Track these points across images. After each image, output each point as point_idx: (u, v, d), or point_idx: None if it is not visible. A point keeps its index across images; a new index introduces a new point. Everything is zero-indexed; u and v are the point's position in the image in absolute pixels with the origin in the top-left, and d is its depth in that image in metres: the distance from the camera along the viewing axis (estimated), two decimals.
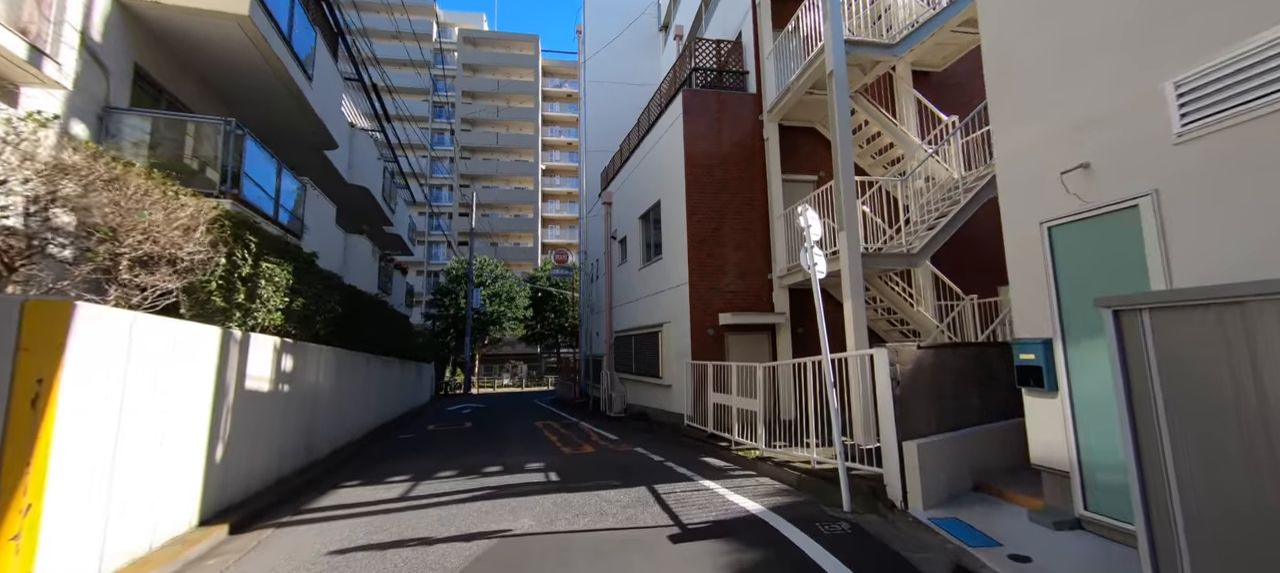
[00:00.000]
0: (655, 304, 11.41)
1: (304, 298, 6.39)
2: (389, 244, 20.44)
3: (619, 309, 14.55)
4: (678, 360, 9.99)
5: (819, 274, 5.14)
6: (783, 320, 9.36)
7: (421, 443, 9.28)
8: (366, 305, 10.32)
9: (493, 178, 51.08)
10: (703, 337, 9.47)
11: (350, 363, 8.97)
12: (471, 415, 14.65)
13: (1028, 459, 4.06)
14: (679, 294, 10.04)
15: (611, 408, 13.63)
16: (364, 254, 14.04)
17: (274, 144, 11.59)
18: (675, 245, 10.33)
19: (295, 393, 6.41)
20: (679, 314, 10.04)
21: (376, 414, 11.30)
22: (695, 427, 8.77)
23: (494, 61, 52.82)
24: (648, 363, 11.34)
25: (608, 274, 15.32)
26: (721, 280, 9.71)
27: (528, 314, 33.51)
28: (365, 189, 14.17)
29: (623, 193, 14.63)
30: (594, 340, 17.93)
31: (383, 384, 12.07)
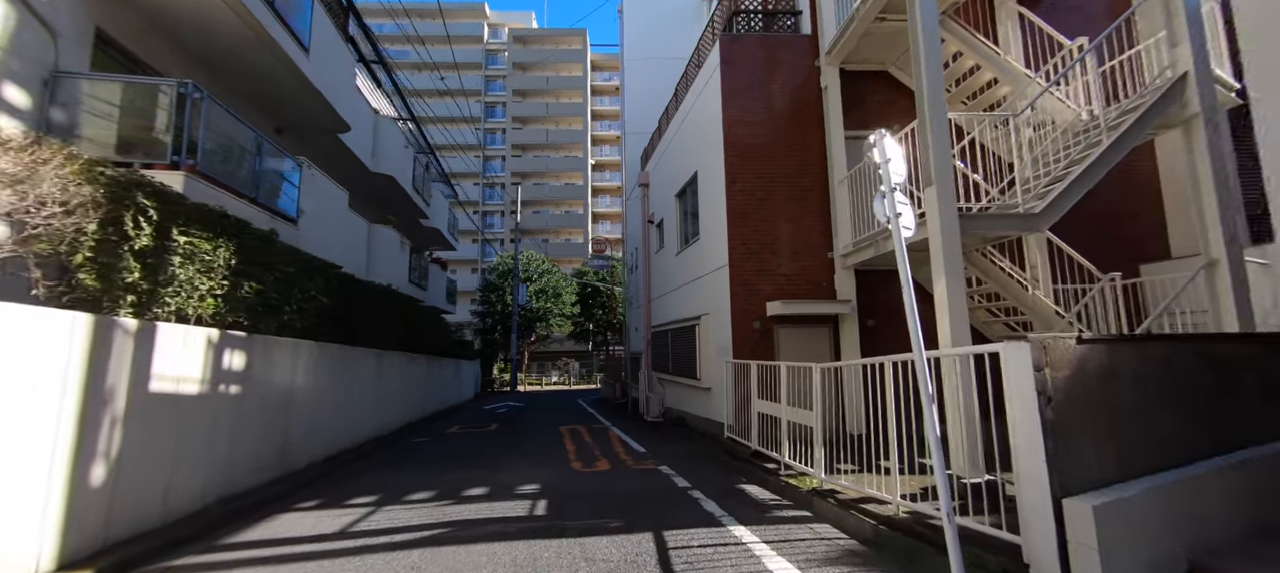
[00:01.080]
0: (692, 293, 9.84)
1: (258, 283, 5.42)
2: (427, 239, 20.11)
3: (657, 302, 13.08)
4: (717, 359, 8.39)
5: (906, 232, 3.43)
6: (847, 309, 7.51)
7: (427, 450, 8.27)
8: (377, 298, 9.49)
9: (543, 175, 51.08)
10: (747, 330, 7.81)
11: (348, 360, 8.09)
12: (504, 416, 13.72)
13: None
14: (718, 280, 8.42)
15: (648, 411, 12.19)
16: (390, 246, 13.43)
17: (291, 132, 11.16)
18: (713, 223, 8.71)
19: (251, 396, 5.46)
20: (718, 304, 8.43)
21: (395, 415, 10.51)
22: (737, 440, 7.15)
23: (543, 59, 52.81)
24: (684, 362, 9.80)
25: (645, 263, 13.88)
26: (769, 262, 8.00)
27: (575, 310, 32.76)
28: (391, 178, 13.57)
29: (659, 171, 13.14)
30: (635, 336, 16.57)
31: (405, 383, 11.30)
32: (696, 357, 9.07)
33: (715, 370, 8.49)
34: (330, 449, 7.36)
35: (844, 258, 7.70)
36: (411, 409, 11.86)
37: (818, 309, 7.49)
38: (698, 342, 9.05)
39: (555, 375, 37.02)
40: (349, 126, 10.57)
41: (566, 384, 34.28)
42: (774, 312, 7.57)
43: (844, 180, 7.69)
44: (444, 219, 20.33)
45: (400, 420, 10.85)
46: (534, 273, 31.70)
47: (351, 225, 11.37)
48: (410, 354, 11.81)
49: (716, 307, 8.52)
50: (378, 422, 9.49)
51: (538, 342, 33.83)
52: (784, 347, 7.79)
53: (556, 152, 51.61)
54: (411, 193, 15.17)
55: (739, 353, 7.71)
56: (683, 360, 9.92)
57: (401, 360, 11.08)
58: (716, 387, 8.39)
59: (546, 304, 31.41)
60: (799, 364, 5.58)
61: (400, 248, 14.02)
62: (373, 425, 9.24)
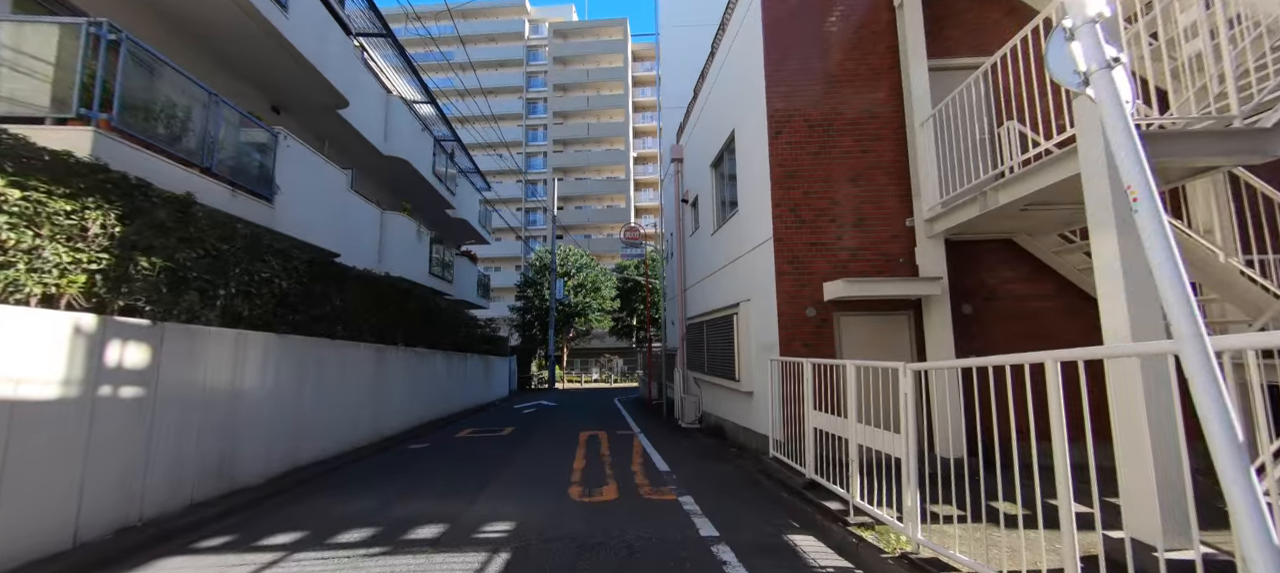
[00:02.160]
0: (730, 278, 8.18)
1: (165, 259, 4.32)
2: (454, 231, 19.38)
3: (692, 291, 11.46)
4: (760, 356, 6.71)
5: (1125, 100, 1.70)
6: (934, 291, 5.64)
7: (415, 462, 7.10)
8: (372, 287, 8.46)
9: (584, 169, 50.31)
10: (797, 320, 6.09)
11: (326, 357, 7.05)
12: (527, 417, 12.56)
13: None
14: (760, 258, 6.73)
15: (683, 416, 10.62)
16: (405, 234, 12.54)
17: (291, 111, 10.29)
18: (754, 188, 7.02)
19: (167, 401, 4.38)
20: (761, 287, 6.74)
21: (400, 417, 9.51)
22: (784, 463, 5.47)
23: (583, 51, 52.01)
24: (722, 360, 8.16)
25: (678, 247, 12.30)
26: (826, 232, 6.23)
27: (615, 306, 31.54)
28: (405, 162, 12.69)
29: (694, 142, 11.50)
30: (671, 331, 15.02)
31: (414, 382, 10.31)
32: (735, 354, 7.41)
33: (757, 371, 6.82)
34: (296, 460, 6.30)
35: (929, 223, 5.82)
36: (425, 410, 10.87)
37: (894, 291, 5.67)
38: (736, 335, 7.39)
39: (596, 373, 36.01)
40: (346, 101, 9.64)
41: (607, 382, 33.14)
42: (833, 295, 5.81)
43: (928, 121, 5.81)
44: (473, 210, 19.53)
45: (407, 423, 9.84)
46: (572, 267, 30.71)
47: (354, 209, 10.47)
48: (422, 351, 10.82)
49: (758, 291, 6.83)
50: (374, 425, 8.46)
51: (578, 338, 32.89)
52: (848, 341, 6.02)
53: (598, 145, 50.70)
54: (431, 179, 14.29)
55: (788, 349, 6.01)
56: (720, 358, 8.29)
57: (410, 358, 10.07)
58: (759, 392, 6.72)
59: (585, 299, 30.35)
60: (875, 364, 3.85)
61: (417, 237, 13.12)
62: (368, 429, 8.21)
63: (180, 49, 7.19)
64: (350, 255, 9.82)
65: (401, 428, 9.55)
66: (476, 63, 53.18)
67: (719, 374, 8.30)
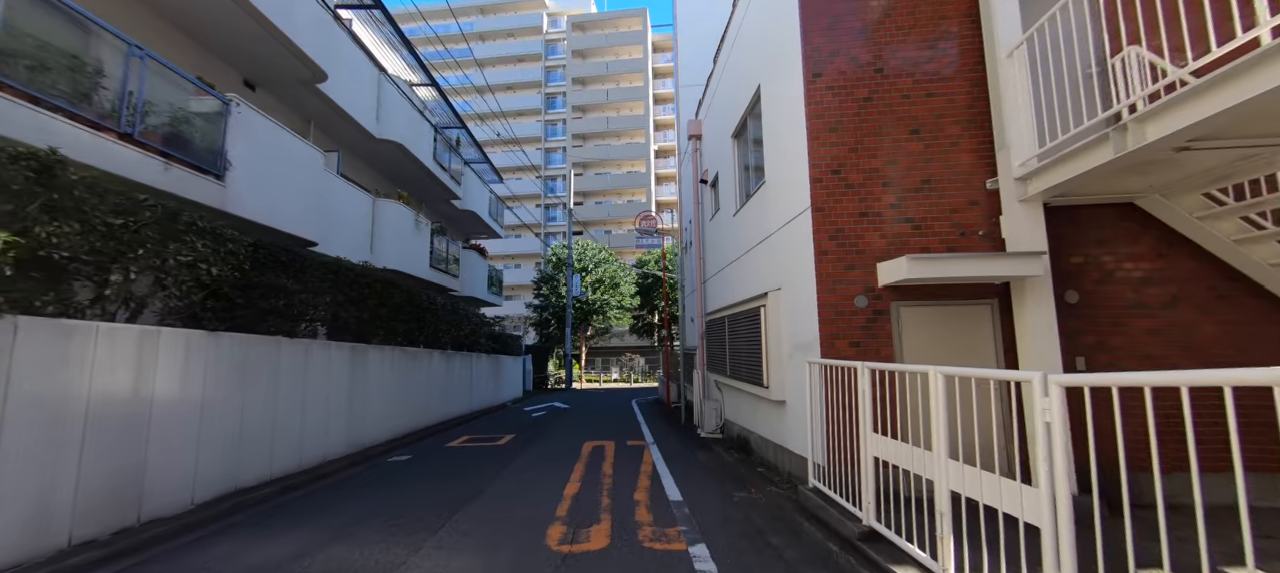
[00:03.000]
0: (755, 263, 6.88)
1: (16, 234, 3.31)
2: (461, 224, 18.49)
3: (712, 282, 10.17)
4: (794, 358, 5.41)
5: None
6: (1033, 270, 4.22)
7: (383, 481, 6.05)
8: (342, 277, 7.48)
9: (604, 164, 49.30)
10: (843, 311, 4.77)
11: (280, 359, 6.05)
12: (533, 422, 11.49)
13: None
14: (793, 235, 5.42)
15: (702, 424, 9.36)
16: (401, 224, 11.61)
17: (266, 87, 9.16)
18: (785, 149, 5.71)
19: (10, 417, 3.38)
20: (794, 272, 5.44)
21: (384, 423, 8.53)
22: (830, 499, 4.17)
23: (602, 43, 50.96)
24: (746, 361, 6.87)
25: (696, 234, 11.02)
26: (879, 199, 4.89)
27: (635, 302, 30.38)
28: (400, 147, 11.74)
29: (713, 114, 10.20)
30: (691, 328, 13.76)
31: (403, 384, 9.33)
32: (762, 354, 6.11)
33: (791, 376, 5.51)
34: (238, 481, 5.30)
35: (1022, 183, 4.42)
36: (418, 415, 9.90)
37: (976, 272, 4.29)
38: (763, 332, 6.09)
39: (616, 372, 34.94)
40: (324, 73, 8.68)
41: (628, 382, 32.04)
42: (891, 279, 4.47)
43: (1018, 49, 4.41)
44: (483, 203, 18.64)
45: (394, 430, 8.86)
46: (590, 263, 29.66)
47: (338, 195, 9.55)
48: (414, 350, 9.84)
49: (792, 277, 5.53)
50: (350, 435, 7.48)
51: (597, 336, 31.86)
52: (911, 339, 4.67)
53: (617, 139, 49.60)
54: (432, 167, 13.35)
55: (831, 349, 4.69)
56: (744, 359, 6.99)
57: (398, 358, 9.09)
58: (794, 402, 5.42)
59: (604, 296, 29.26)
60: (987, 374, 2.53)
61: (415, 227, 12.19)
62: (340, 440, 7.23)
63: (122, 13, 6.30)
64: (333, 245, 8.89)
65: (386, 436, 8.56)
66: (495, 59, 52.84)
67: (743, 378, 7.02)
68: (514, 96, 51.16)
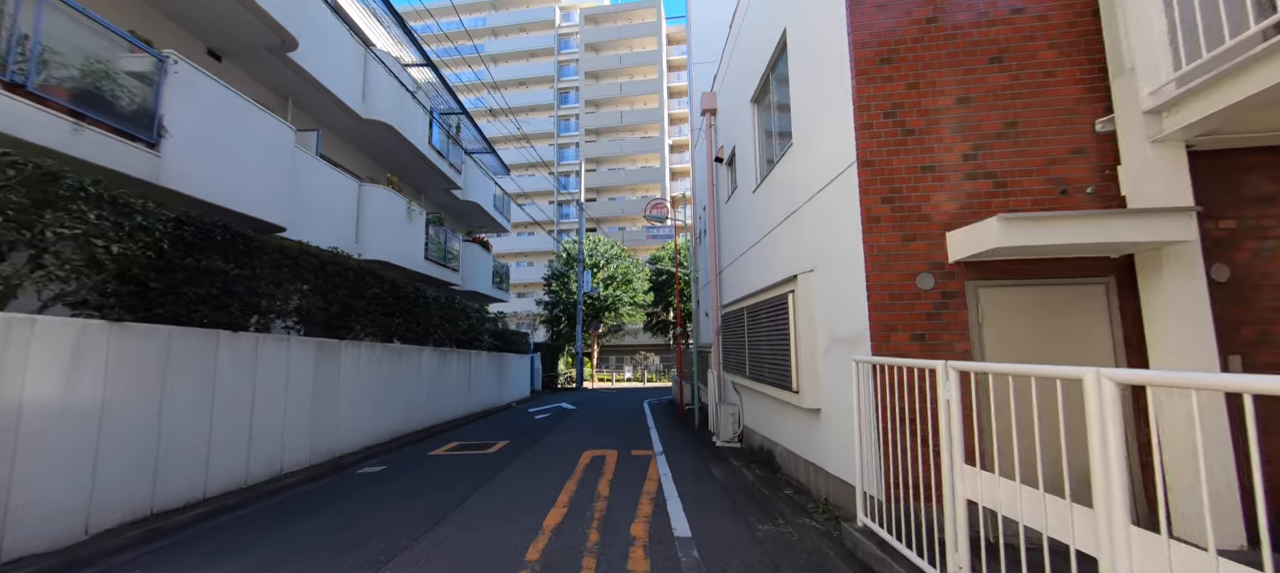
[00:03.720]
0: (780, 243, 5.76)
1: None
2: (464, 215, 17.65)
3: (728, 272, 9.07)
4: (832, 355, 4.29)
5: None
6: (1175, 234, 3.03)
7: (336, 501, 5.12)
8: (310, 265, 6.59)
9: (618, 159, 48.34)
10: (901, 294, 3.65)
11: (219, 356, 5.16)
12: (532, 427, 10.55)
13: None
14: (832, 202, 4.31)
15: (718, 432, 8.27)
16: (390, 211, 10.75)
17: (233, 57, 8.02)
18: (819, 100, 4.60)
19: None
20: (832, 247, 4.32)
21: (361, 430, 7.65)
22: (888, 546, 3.06)
23: (616, 36, 49.97)
24: (770, 360, 5.76)
25: (711, 221, 9.92)
26: (949, 148, 3.74)
27: (648, 299, 29.33)
28: (390, 129, 10.88)
29: (729, 83, 9.09)
30: (706, 324, 12.66)
31: (386, 385, 8.43)
32: (790, 352, 4.99)
33: (828, 378, 4.40)
34: (157, 503, 4.41)
35: (1157, 117, 3.24)
36: (405, 418, 9.00)
37: (1098, 236, 3.11)
38: (792, 324, 4.97)
39: (629, 371, 33.93)
40: (294, 40, 7.81)
41: (641, 381, 31.00)
42: (971, 249, 3.34)
43: None
44: (487, 195, 17.78)
45: (372, 436, 7.97)
46: (602, 258, 28.70)
47: (312, 175, 8.68)
48: (399, 347, 8.94)
49: (828, 255, 4.41)
50: (315, 443, 6.58)
51: (609, 334, 30.90)
52: (994, 330, 3.53)
53: (631, 133, 48.59)
54: (428, 153, 12.49)
55: (886, 344, 3.58)
56: (767, 358, 5.88)
57: (378, 356, 8.19)
58: (833, 412, 4.31)
59: (616, 292, 28.27)
60: (1204, 381, 1.43)
61: (407, 216, 11.33)
62: (302, 449, 6.33)
63: None
64: (310, 232, 8.03)
65: (363, 443, 7.67)
66: (507, 54, 52.21)
67: (766, 380, 5.91)
68: (526, 92, 50.49)
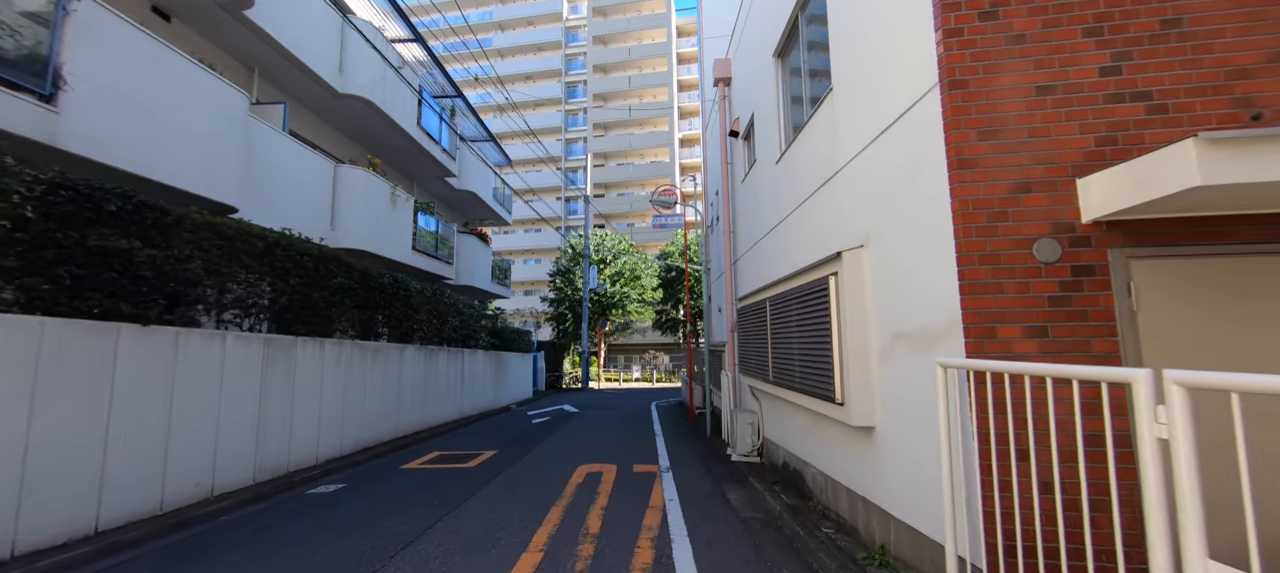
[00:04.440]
0: (815, 215, 4.65)
1: None
2: (460, 205, 16.71)
3: (744, 261, 7.96)
4: (895, 359, 3.17)
5: None
6: None
7: (262, 534, 4.13)
8: (252, 247, 5.61)
9: (626, 153, 47.27)
10: (1012, 268, 2.51)
11: (122, 357, 4.18)
12: (526, 434, 9.56)
13: None
14: (895, 148, 3.19)
15: (734, 444, 7.17)
16: (370, 196, 9.79)
17: (183, 16, 7.23)
18: (873, 18, 3.48)
19: None
20: (894, 213, 3.19)
21: (324, 440, 6.68)
22: None
23: (625, 28, 48.89)
24: (800, 361, 4.64)
25: (725, 205, 8.81)
26: (1076, 58, 2.58)
27: (657, 296, 28.24)
28: (371, 106, 9.90)
29: (744, 46, 7.96)
30: (718, 321, 11.56)
31: (357, 388, 7.47)
32: (832, 351, 3.88)
33: (887, 387, 3.29)
34: (19, 541, 3.45)
35: None
36: (380, 424, 8.02)
37: None
38: (834, 317, 3.86)
39: (637, 371, 32.89)
40: None
41: (650, 381, 29.93)
42: (1117, 203, 2.22)
43: None
44: (486, 184, 16.83)
45: (338, 447, 6.99)
46: (609, 253, 27.66)
47: (274, 152, 7.71)
48: (374, 345, 7.97)
49: (887, 222, 3.31)
50: (260, 457, 5.59)
51: (616, 332, 29.88)
52: (1153, 320, 2.40)
53: (640, 127, 47.50)
54: (415, 133, 11.53)
55: (987, 341, 2.47)
56: (797, 359, 4.77)
57: (347, 356, 7.20)
58: (893, 432, 3.21)
59: (623, 289, 27.22)
60: None
61: (391, 202, 10.38)
62: (239, 465, 5.33)
63: None
64: (270, 214, 7.07)
65: (327, 455, 6.69)
66: (514, 48, 51.32)
67: (795, 386, 4.80)
68: (533, 86, 49.62)
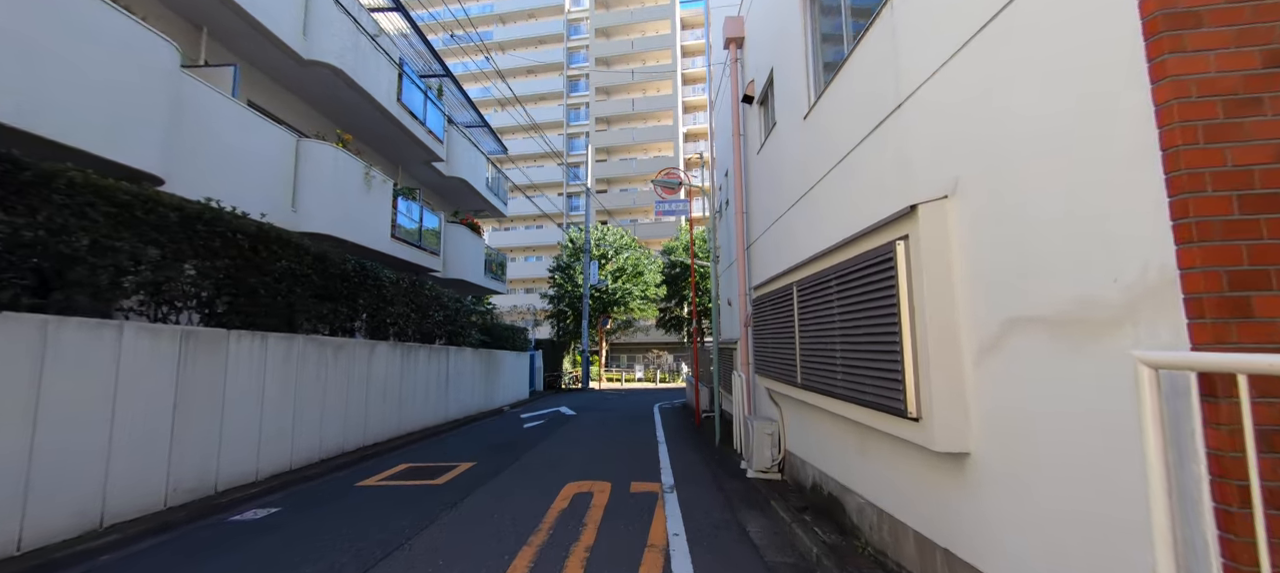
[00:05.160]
0: (860, 172, 3.57)
1: None
2: (451, 193, 15.71)
3: (760, 243, 6.88)
4: (1008, 354, 2.07)
5: None
6: None
7: None
8: (161, 218, 4.60)
9: (629, 148, 46.23)
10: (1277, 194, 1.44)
11: None
12: (514, 441, 8.54)
13: None
14: (1020, 30, 2.12)
15: (750, 459, 6.08)
16: (341, 176, 8.77)
17: None
18: None
19: None
20: (1007, 136, 2.11)
21: (266, 453, 5.67)
22: None
23: (628, 20, 47.83)
24: (847, 360, 3.55)
25: (737, 184, 7.74)
26: None
27: (660, 293, 27.19)
28: (338, 73, 8.86)
29: None
30: (727, 315, 10.50)
31: (314, 390, 6.45)
32: (902, 346, 2.81)
33: (993, 394, 2.23)
34: None
35: None
36: (340, 433, 7.00)
37: None
38: (904, 297, 2.80)
39: (640, 371, 31.85)
40: None
41: (653, 381, 28.89)
42: None
43: None
44: (478, 172, 15.83)
45: (286, 459, 5.97)
46: (610, 249, 26.64)
47: (221, 118, 6.71)
48: (334, 341, 6.96)
49: (999, 152, 2.24)
50: (177, 475, 4.55)
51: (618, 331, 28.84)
52: None
53: (643, 121, 46.43)
54: (394, 110, 10.52)
55: (1228, 322, 1.41)
56: (840, 355, 3.70)
57: (299, 352, 6.17)
58: (1002, 461, 2.14)
59: (626, 286, 26.18)
60: None
61: (365, 183, 9.36)
62: (147, 488, 4.31)
63: None
64: (211, 187, 5.98)
65: (271, 469, 5.67)
66: (515, 41, 50.32)
67: (838, 393, 3.73)
68: (535, 80, 48.65)
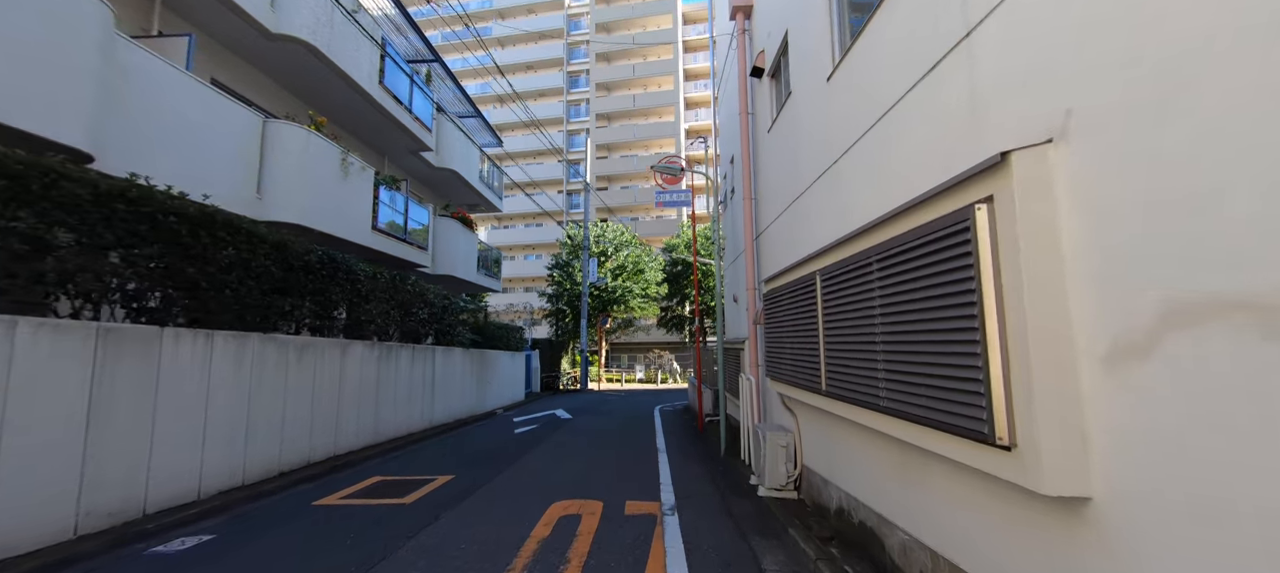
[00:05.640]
0: (917, 123, 2.83)
1: None
2: (441, 186, 15.01)
3: (771, 232, 6.14)
4: (1176, 359, 1.33)
5: None
6: None
7: None
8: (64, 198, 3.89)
9: (630, 145, 45.54)
10: None
11: None
12: (494, 451, 7.85)
13: None
14: None
15: (762, 475, 5.34)
16: (312, 161, 8.05)
17: None
18: None
19: None
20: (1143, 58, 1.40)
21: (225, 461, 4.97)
22: None
23: (629, 15, 47.13)
24: (891, 364, 2.83)
25: (744, 171, 7.01)
26: None
27: (661, 291, 26.48)
28: (310, 49, 8.14)
29: None
30: (733, 313, 9.79)
31: (273, 395, 5.74)
32: (988, 349, 2.08)
33: (1149, 421, 1.52)
34: None
35: None
36: (310, 440, 6.29)
37: None
38: (991, 281, 2.08)
39: (641, 371, 31.14)
40: None
41: (654, 382, 28.18)
42: None
43: None
44: (471, 163, 15.13)
45: (240, 473, 5.27)
46: (610, 246, 25.93)
47: (170, 93, 6.00)
48: (299, 340, 6.25)
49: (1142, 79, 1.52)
50: (88, 498, 3.83)
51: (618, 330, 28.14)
52: None
53: (644, 118, 45.74)
54: (376, 93, 9.82)
55: None
56: (881, 359, 2.98)
57: (255, 351, 5.45)
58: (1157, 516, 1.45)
59: (626, 284, 25.48)
60: None
61: (342, 170, 8.66)
62: (56, 512, 3.60)
63: None
64: (159, 168, 5.24)
65: (218, 485, 4.96)
66: (515, 36, 49.63)
67: (881, 406, 3.01)
68: (534, 76, 48.03)
